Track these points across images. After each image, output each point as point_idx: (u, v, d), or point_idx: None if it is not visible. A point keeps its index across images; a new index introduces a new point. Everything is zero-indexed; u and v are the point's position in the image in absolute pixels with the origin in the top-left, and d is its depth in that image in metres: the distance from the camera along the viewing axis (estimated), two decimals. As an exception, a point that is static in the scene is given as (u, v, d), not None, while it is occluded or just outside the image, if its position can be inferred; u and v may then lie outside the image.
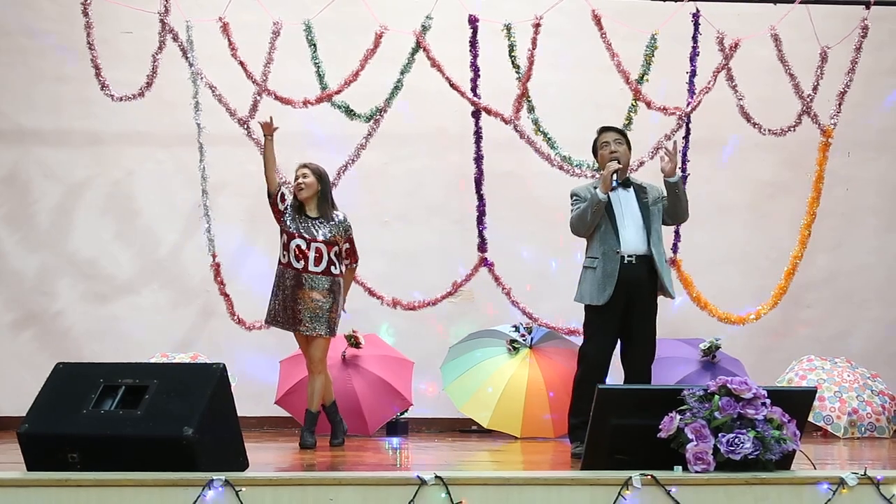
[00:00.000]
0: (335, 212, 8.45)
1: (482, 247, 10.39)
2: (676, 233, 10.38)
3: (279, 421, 10.10)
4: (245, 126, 10.17)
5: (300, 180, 8.33)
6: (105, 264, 10.81)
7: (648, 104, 10.24)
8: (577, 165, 10.17)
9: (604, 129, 7.80)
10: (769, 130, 10.48)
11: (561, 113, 10.61)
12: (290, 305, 8.21)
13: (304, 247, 8.22)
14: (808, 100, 10.52)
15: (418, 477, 5.03)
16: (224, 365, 5.61)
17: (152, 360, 9.58)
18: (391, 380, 9.74)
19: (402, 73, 10.16)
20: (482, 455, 8.32)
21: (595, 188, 7.54)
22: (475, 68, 10.24)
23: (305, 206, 8.36)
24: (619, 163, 7.51)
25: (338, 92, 10.13)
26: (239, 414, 5.77)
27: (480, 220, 10.37)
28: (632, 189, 7.65)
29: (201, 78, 10.08)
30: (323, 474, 5.37)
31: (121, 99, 10.07)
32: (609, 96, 10.57)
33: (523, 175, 10.78)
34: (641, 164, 10.23)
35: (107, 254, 10.82)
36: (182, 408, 5.33)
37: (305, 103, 10.15)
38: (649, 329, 7.61)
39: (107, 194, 10.86)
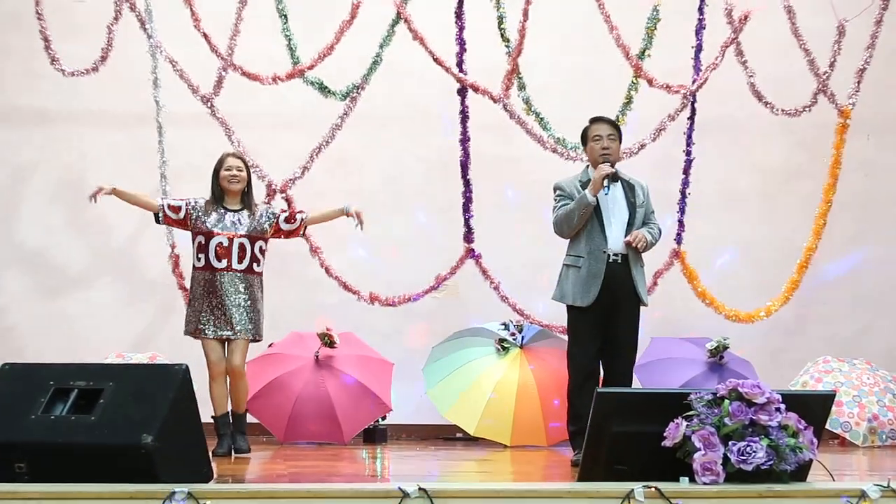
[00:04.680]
0: (257, 202, 8.49)
1: (468, 237, 10.39)
2: (680, 222, 10.41)
3: (247, 427, 10.06)
4: (209, 104, 10.14)
5: (235, 172, 8.31)
6: (54, 255, 10.77)
7: (650, 82, 10.25)
8: (571, 148, 10.17)
9: (597, 120, 7.81)
10: (782, 111, 10.51)
11: (554, 91, 10.62)
12: (216, 310, 8.17)
13: (225, 243, 8.22)
14: (825, 78, 10.54)
15: (400, 489, 5.01)
16: (186, 366, 5.58)
17: (106, 361, 9.54)
18: (369, 382, 9.74)
19: (382, 46, 10.15)
20: (469, 465, 8.32)
21: (580, 182, 7.65)
22: (461, 42, 10.23)
23: (227, 198, 8.34)
24: (612, 166, 7.55)
25: (310, 67, 10.11)
26: (203, 420, 5.75)
27: (467, 208, 10.37)
28: (620, 184, 7.69)
29: (161, 51, 10.04)
30: (295, 486, 5.35)
31: (72, 74, 10.04)
32: (607, 73, 10.59)
33: (513, 159, 10.77)
34: (643, 146, 10.25)
35: (56, 244, 10.77)
36: (141, 413, 5.30)
37: (275, 79, 10.14)
38: (633, 333, 7.72)
39: (57, 178, 10.81)
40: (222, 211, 8.29)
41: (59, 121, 10.80)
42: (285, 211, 8.53)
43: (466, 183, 10.34)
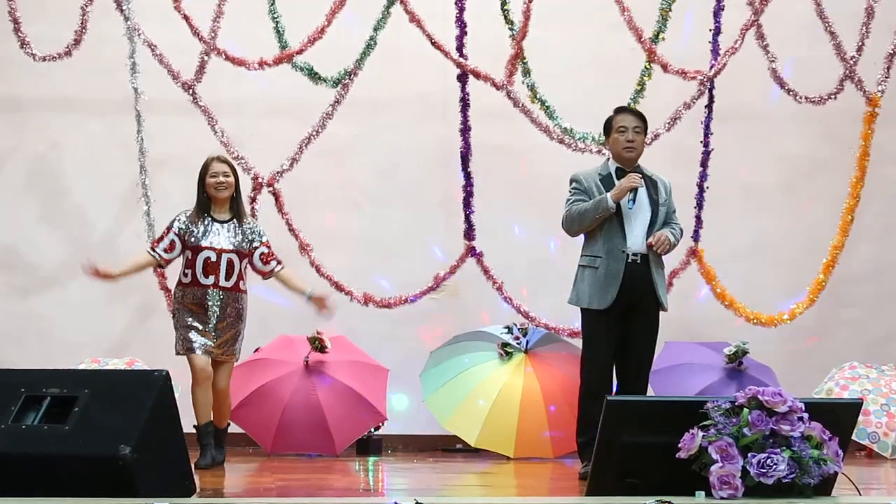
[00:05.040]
0: (248, 217, 8.50)
1: (469, 234, 10.39)
2: (698, 218, 10.40)
3: (231, 438, 10.06)
4: (190, 91, 10.14)
5: (221, 179, 8.28)
6: (26, 252, 10.75)
7: (665, 67, 10.24)
8: (580, 139, 10.17)
9: (622, 110, 7.87)
10: (806, 98, 10.51)
11: (561, 77, 10.60)
12: (204, 327, 8.16)
13: (213, 258, 8.21)
14: (852, 63, 10.54)
15: (396, 504, 5.03)
16: (167, 372, 5.60)
17: (81, 367, 9.55)
18: (362, 390, 9.74)
19: (376, 29, 10.13)
20: (469, 478, 8.33)
21: (600, 176, 7.68)
22: (461, 24, 10.22)
23: (214, 207, 8.33)
24: (641, 177, 7.58)
25: (300, 51, 10.10)
26: (184, 430, 5.76)
27: (467, 203, 10.36)
28: (643, 180, 7.69)
29: (139, 34, 10.04)
30: (283, 500, 5.37)
31: (44, 58, 10.02)
32: (618, 58, 10.57)
33: (517, 149, 10.76)
34: (656, 136, 10.23)
35: (28, 240, 10.75)
36: (118, 422, 5.31)
37: (262, 65, 10.13)
38: (650, 339, 7.75)
39: (28, 170, 10.80)
40: (209, 221, 8.27)
41: (30, 108, 10.77)
42: (267, 246, 8.38)
43: (467, 176, 10.34)
